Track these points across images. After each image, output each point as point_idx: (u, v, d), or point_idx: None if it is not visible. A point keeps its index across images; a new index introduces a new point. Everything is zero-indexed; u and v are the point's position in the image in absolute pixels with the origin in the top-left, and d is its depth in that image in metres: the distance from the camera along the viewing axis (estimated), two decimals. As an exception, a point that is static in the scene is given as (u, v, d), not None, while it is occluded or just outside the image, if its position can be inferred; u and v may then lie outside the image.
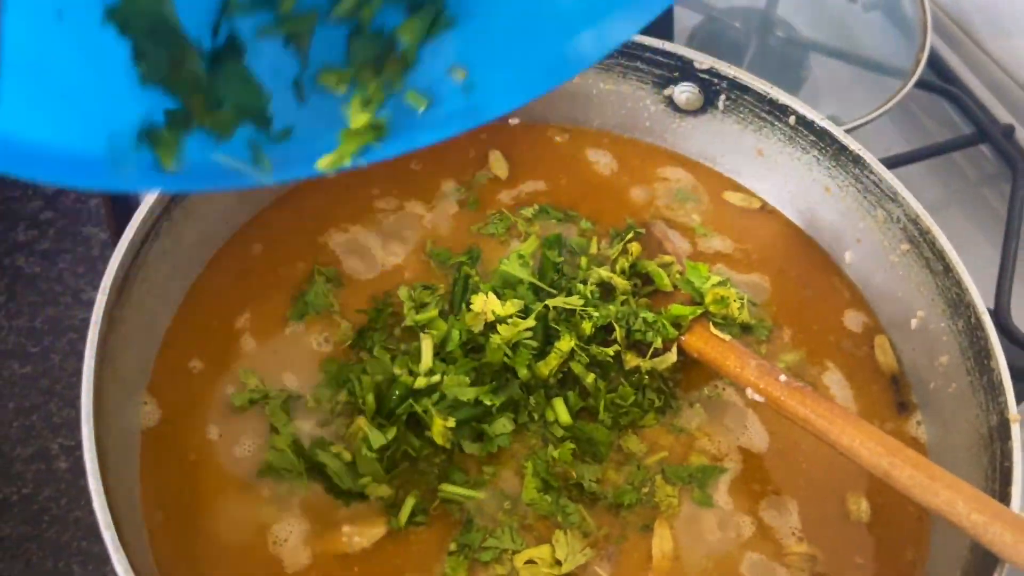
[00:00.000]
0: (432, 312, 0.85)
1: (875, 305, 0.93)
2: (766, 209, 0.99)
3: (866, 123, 1.17)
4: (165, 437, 0.78)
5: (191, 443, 0.78)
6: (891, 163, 1.20)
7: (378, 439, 0.77)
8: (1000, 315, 1.06)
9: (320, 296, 0.87)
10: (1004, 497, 0.71)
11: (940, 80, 1.37)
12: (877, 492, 0.82)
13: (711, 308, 0.85)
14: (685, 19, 1.36)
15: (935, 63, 1.37)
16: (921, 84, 1.33)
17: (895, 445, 0.71)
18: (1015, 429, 0.73)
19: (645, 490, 0.80)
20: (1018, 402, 1.04)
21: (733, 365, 0.80)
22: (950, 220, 1.25)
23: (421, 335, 0.83)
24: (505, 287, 0.85)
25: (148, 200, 0.76)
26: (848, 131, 1.14)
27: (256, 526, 0.74)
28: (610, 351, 0.82)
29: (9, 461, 1.05)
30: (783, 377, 0.77)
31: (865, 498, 0.82)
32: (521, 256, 0.86)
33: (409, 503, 0.75)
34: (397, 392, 0.79)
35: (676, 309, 0.83)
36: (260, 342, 0.84)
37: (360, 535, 0.75)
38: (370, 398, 0.79)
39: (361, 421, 0.78)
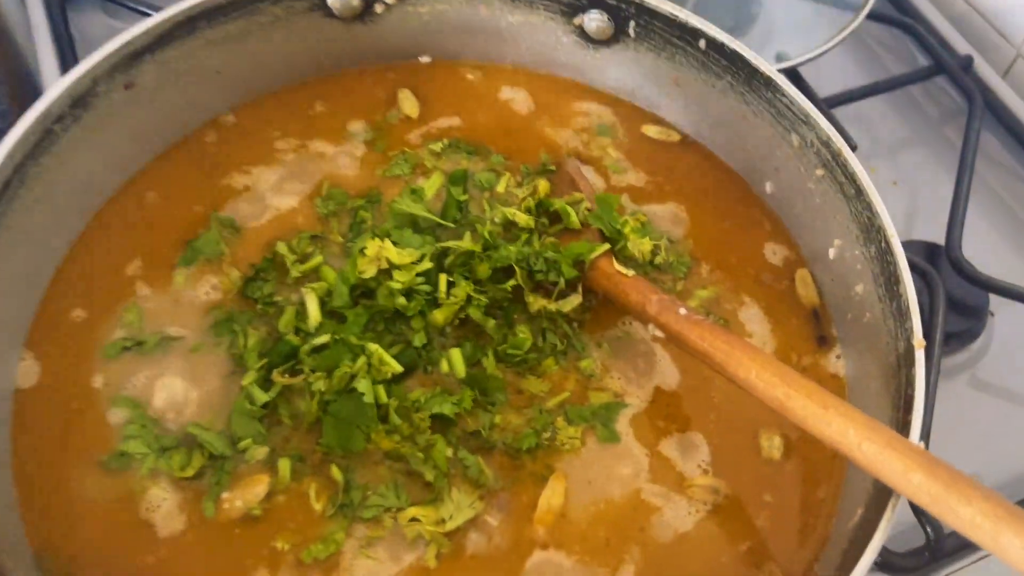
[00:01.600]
0: (316, 260, 0.82)
1: (796, 236, 0.89)
2: (686, 142, 0.95)
3: (816, 57, 1.13)
4: (44, 390, 0.75)
5: (73, 392, 0.75)
6: (847, 98, 1.16)
7: (261, 396, 0.75)
8: (951, 249, 1.03)
9: (211, 243, 0.83)
10: (905, 425, 0.67)
11: (898, 12, 1.32)
12: (792, 428, 0.79)
13: (631, 237, 0.81)
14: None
15: (893, -5, 1.32)
16: (878, 17, 1.28)
17: (790, 376, 0.67)
18: (919, 355, 0.70)
19: (547, 434, 0.76)
20: (970, 340, 1.02)
21: (635, 300, 0.77)
22: (910, 156, 1.21)
23: (304, 290, 0.79)
24: (400, 227, 0.81)
25: (6, 145, 0.73)
26: (799, 66, 1.11)
27: (128, 490, 0.72)
28: (507, 286, 0.79)
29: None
30: (683, 311, 0.74)
31: (779, 435, 0.78)
32: (414, 191, 0.82)
33: (285, 463, 0.73)
34: (282, 352, 0.76)
35: (576, 247, 0.79)
36: (149, 289, 0.81)
37: (240, 498, 0.72)
38: (253, 358, 0.76)
39: (246, 379, 0.76)
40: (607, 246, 0.81)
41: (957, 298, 1.03)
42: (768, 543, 0.73)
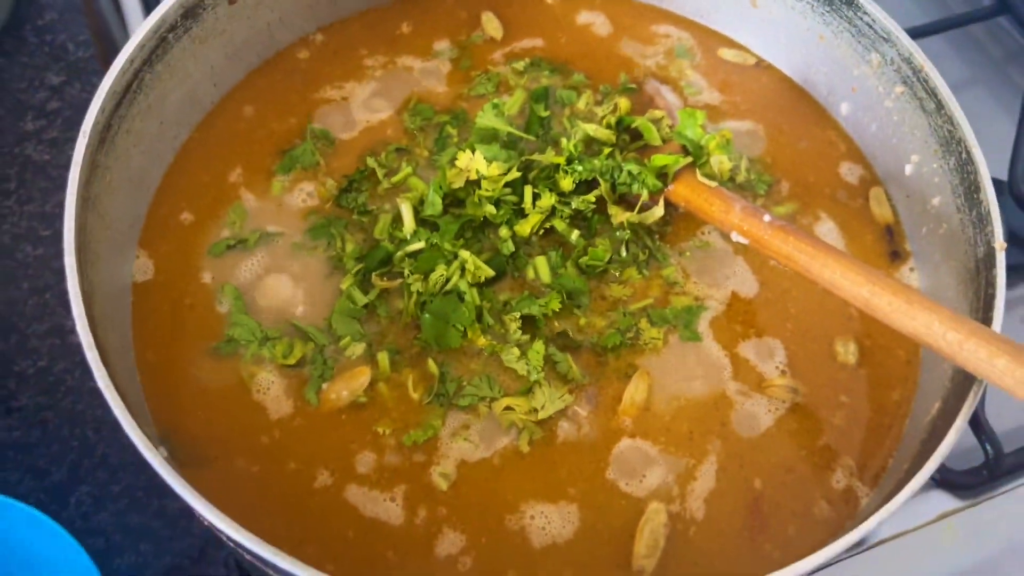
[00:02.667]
0: (406, 172, 0.86)
1: (871, 156, 0.91)
2: (761, 65, 0.97)
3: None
4: (158, 285, 0.80)
5: (184, 288, 0.80)
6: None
7: (361, 298, 0.79)
8: (1014, 184, 1.04)
9: (306, 153, 0.87)
10: (986, 322, 0.70)
11: (960, -52, 1.31)
12: (866, 336, 0.82)
13: (714, 152, 0.84)
14: None
15: (957, -71, 1.31)
16: (940, -47, 1.28)
17: (875, 274, 0.70)
18: (1000, 257, 0.72)
19: (630, 335, 0.80)
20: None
21: (718, 210, 0.80)
22: (971, 98, 1.21)
23: (398, 200, 0.83)
24: (483, 142, 0.85)
25: (127, 49, 0.77)
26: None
27: (238, 376, 0.76)
28: (591, 197, 0.82)
29: (25, 337, 1.08)
30: (767, 217, 0.77)
31: (853, 342, 0.81)
32: (496, 106, 0.85)
33: (384, 356, 0.77)
34: (377, 257, 0.81)
35: (659, 159, 0.82)
36: (250, 194, 0.85)
37: (345, 388, 0.76)
38: (351, 263, 0.81)
39: (345, 281, 0.80)
40: (691, 159, 0.83)
41: (1018, 232, 1.05)
42: (844, 440, 0.77)
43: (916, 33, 1.17)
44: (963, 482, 0.88)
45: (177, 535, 0.96)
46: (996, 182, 1.05)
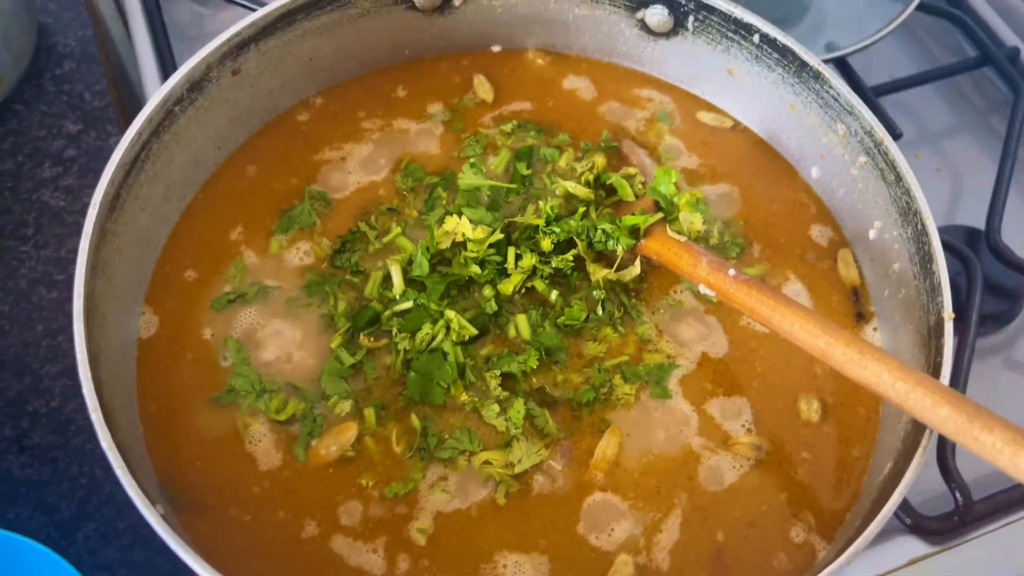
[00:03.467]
0: (395, 232, 0.91)
1: (840, 219, 0.96)
2: (738, 128, 1.02)
3: (866, 47, 1.18)
4: (162, 340, 0.85)
5: (187, 343, 0.85)
6: (896, 87, 1.22)
7: (349, 359, 0.84)
8: (990, 233, 1.07)
9: (304, 214, 0.93)
10: (932, 389, 0.74)
11: (947, 4, 1.36)
12: (830, 393, 0.86)
13: (684, 209, 0.89)
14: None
15: (941, -14, 1.36)
16: (927, 8, 1.32)
17: (830, 327, 0.74)
18: (948, 327, 0.76)
19: (604, 390, 0.85)
20: (1007, 322, 1.07)
21: (687, 263, 0.85)
22: (955, 144, 1.26)
23: (388, 262, 0.89)
24: (469, 204, 0.90)
25: (136, 123, 0.82)
26: (848, 55, 1.16)
27: (233, 427, 0.82)
28: (569, 256, 0.87)
29: (38, 377, 1.14)
30: (732, 272, 0.81)
31: (817, 400, 0.86)
32: (473, 164, 0.91)
33: (370, 412, 0.82)
34: (365, 317, 0.86)
35: (629, 219, 0.87)
36: (250, 251, 0.91)
37: (334, 444, 0.81)
38: (342, 321, 0.86)
39: (333, 341, 0.85)
40: (661, 215, 0.88)
41: (995, 281, 1.08)
42: (805, 495, 0.81)
43: (905, 83, 1.23)
44: (934, 528, 0.91)
45: (180, 571, 1.00)
46: (974, 231, 1.10)
